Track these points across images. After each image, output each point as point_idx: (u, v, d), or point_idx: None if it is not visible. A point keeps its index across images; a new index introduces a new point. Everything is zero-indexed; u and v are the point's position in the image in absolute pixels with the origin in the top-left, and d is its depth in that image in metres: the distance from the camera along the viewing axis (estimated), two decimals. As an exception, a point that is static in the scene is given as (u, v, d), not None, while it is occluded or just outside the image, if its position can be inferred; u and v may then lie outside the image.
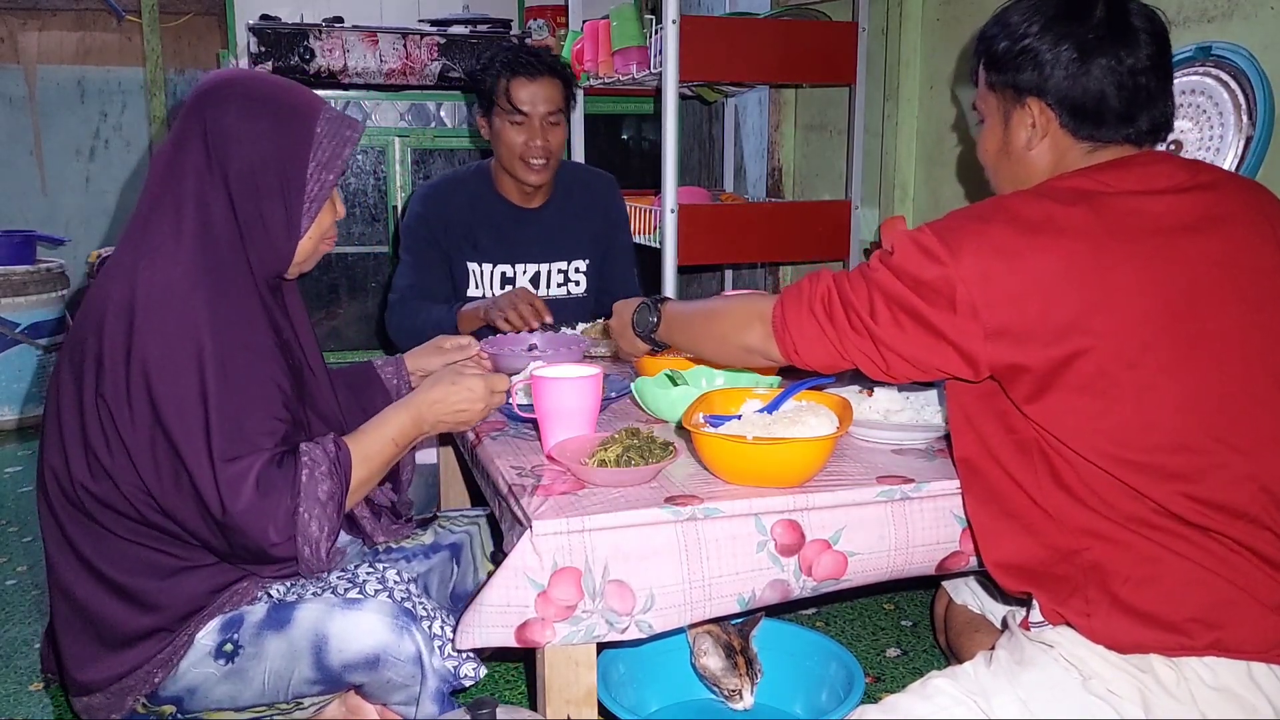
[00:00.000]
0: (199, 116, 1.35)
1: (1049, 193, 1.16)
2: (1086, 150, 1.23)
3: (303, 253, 1.43)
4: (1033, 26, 1.22)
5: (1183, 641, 1.10)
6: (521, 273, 2.44)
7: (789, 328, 1.26)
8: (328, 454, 1.34)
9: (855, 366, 1.24)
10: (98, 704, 1.38)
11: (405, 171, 3.87)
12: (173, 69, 5.23)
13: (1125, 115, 1.20)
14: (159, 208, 1.35)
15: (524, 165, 2.32)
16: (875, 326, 1.18)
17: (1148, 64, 1.19)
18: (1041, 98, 1.22)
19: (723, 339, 1.38)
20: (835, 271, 1.26)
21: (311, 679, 1.34)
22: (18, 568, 2.57)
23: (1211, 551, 1.11)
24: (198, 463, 1.26)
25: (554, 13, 4.35)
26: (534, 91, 2.27)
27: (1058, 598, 1.17)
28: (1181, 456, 1.10)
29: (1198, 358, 1.10)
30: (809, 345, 1.25)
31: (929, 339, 1.15)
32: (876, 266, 1.19)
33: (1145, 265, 1.10)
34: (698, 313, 1.46)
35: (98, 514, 1.33)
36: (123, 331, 1.27)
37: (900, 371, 1.20)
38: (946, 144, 2.80)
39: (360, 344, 3.97)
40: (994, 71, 1.27)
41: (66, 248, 4.45)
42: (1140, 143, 1.23)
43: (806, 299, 1.25)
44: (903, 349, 1.17)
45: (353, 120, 1.43)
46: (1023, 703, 1.16)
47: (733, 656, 1.59)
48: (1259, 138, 1.80)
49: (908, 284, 1.15)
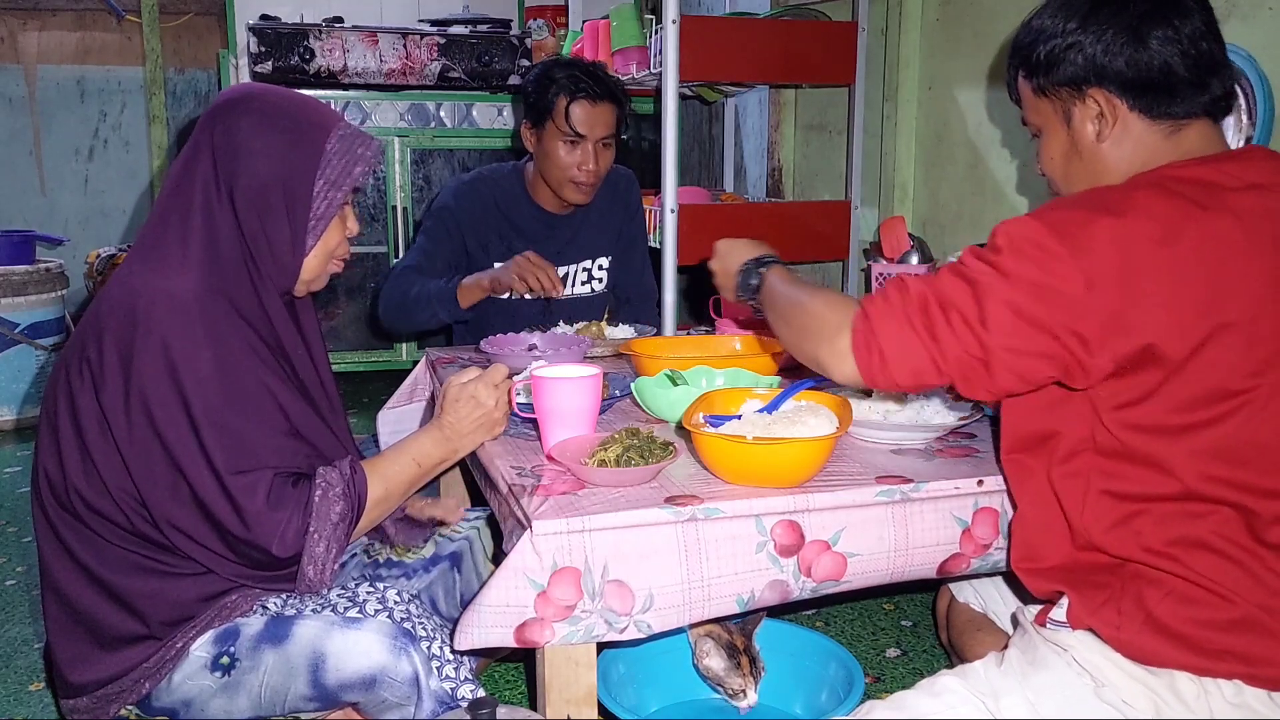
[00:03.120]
0: (211, 129, 1.35)
1: (1171, 182, 1.08)
2: (1168, 132, 1.16)
3: (309, 270, 1.41)
4: (1070, 23, 1.17)
5: (1211, 667, 1.08)
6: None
7: (879, 339, 1.13)
8: (343, 476, 1.34)
9: (949, 383, 1.14)
10: (84, 707, 1.38)
11: (405, 171, 3.87)
12: (172, 69, 5.23)
13: (1196, 82, 1.13)
14: (167, 219, 1.34)
15: (572, 186, 2.32)
16: (985, 334, 1.08)
17: (1204, 28, 1.14)
18: (1103, 84, 1.15)
19: (797, 336, 1.28)
20: (921, 276, 1.16)
21: (307, 695, 1.34)
22: (17, 568, 2.57)
23: (1265, 584, 1.07)
24: (199, 475, 1.25)
25: (554, 13, 4.35)
26: (593, 115, 2.26)
27: (1090, 605, 1.13)
28: (1274, 476, 1.07)
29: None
30: (902, 359, 1.12)
31: (1045, 344, 1.06)
32: (981, 268, 1.09)
33: (1275, 273, 1.05)
34: (789, 298, 1.32)
35: (87, 517, 1.33)
36: (123, 342, 1.26)
37: (1006, 384, 1.11)
38: (946, 144, 2.80)
39: (360, 344, 3.96)
40: (1040, 76, 1.20)
41: (66, 248, 4.45)
42: (1216, 114, 1.17)
43: (899, 309, 1.13)
44: (1014, 357, 1.08)
45: (368, 138, 1.40)
46: (1031, 704, 1.15)
47: (736, 656, 1.59)
48: (1259, 138, 1.80)
49: (1020, 285, 1.06)
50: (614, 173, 2.54)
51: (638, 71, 3.05)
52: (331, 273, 1.46)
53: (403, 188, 3.87)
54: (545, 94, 2.27)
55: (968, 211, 2.73)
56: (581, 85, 2.24)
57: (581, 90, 2.24)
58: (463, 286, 2.23)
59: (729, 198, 3.36)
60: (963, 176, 2.73)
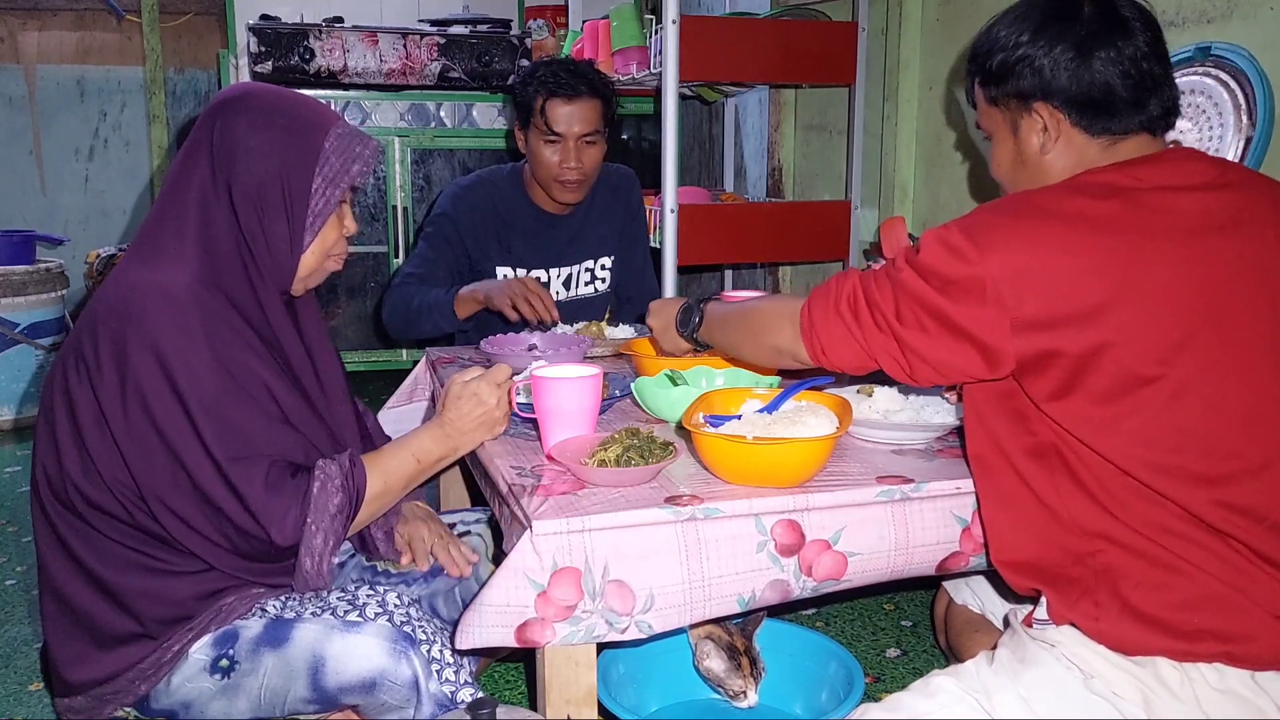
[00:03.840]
0: (210, 128, 1.35)
1: (1081, 187, 1.14)
2: (1105, 145, 1.21)
3: (306, 268, 1.41)
4: (1023, 35, 1.21)
5: (1190, 649, 1.10)
6: (556, 276, 2.45)
7: (816, 328, 1.25)
8: (342, 468, 1.34)
9: (881, 368, 1.22)
10: (79, 706, 1.38)
11: (405, 172, 3.87)
12: (172, 69, 5.23)
13: (1135, 102, 1.18)
14: (164, 217, 1.35)
15: (558, 185, 2.32)
16: (900, 329, 1.16)
17: (1146, 49, 1.18)
18: (1048, 100, 1.21)
19: (756, 339, 1.38)
20: (862, 271, 1.25)
21: (307, 698, 1.34)
22: (17, 568, 2.57)
23: (1229, 562, 1.10)
24: (197, 464, 1.26)
25: (554, 13, 4.35)
26: (570, 112, 2.24)
27: (1067, 599, 1.16)
28: (1209, 460, 1.09)
29: (1229, 361, 1.09)
30: (835, 346, 1.24)
31: (953, 341, 1.13)
32: (902, 267, 1.17)
33: (1179, 265, 1.09)
34: (735, 313, 1.45)
35: (85, 512, 1.33)
36: (118, 336, 1.27)
37: (923, 375, 1.19)
38: (946, 144, 2.80)
39: (360, 344, 3.97)
40: (992, 86, 1.26)
41: (65, 247, 4.45)
42: (1155, 130, 1.21)
43: (833, 299, 1.24)
44: (927, 352, 1.16)
45: (365, 137, 1.41)
46: (1024, 701, 1.15)
47: (736, 657, 1.59)
48: (1259, 138, 1.80)
49: (934, 285, 1.13)
50: (615, 172, 2.53)
51: (638, 71, 3.05)
52: (329, 270, 1.46)
53: (403, 188, 3.87)
54: (527, 93, 2.27)
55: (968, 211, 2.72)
56: (557, 83, 2.23)
57: (557, 88, 2.23)
58: (459, 298, 2.23)
59: (729, 198, 3.36)
60: (963, 177, 2.73)
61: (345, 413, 1.53)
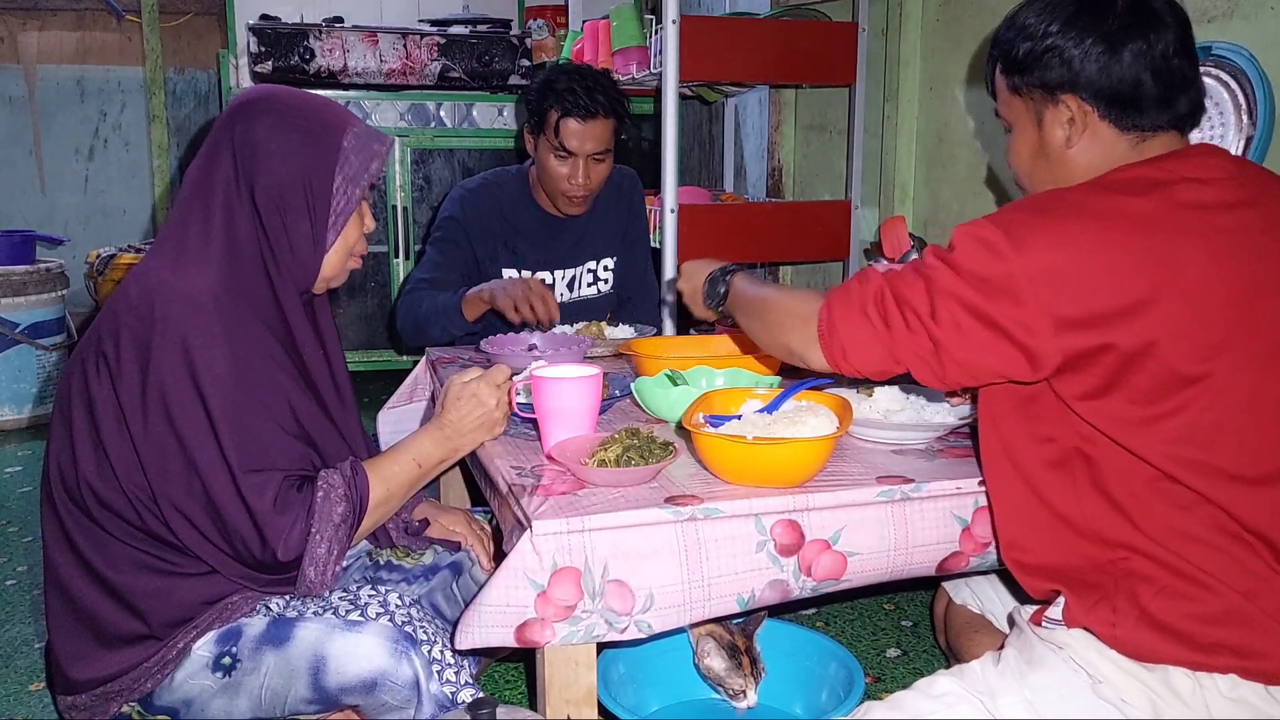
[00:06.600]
0: (230, 130, 1.36)
1: (1115, 185, 1.12)
2: (1134, 142, 1.19)
3: (329, 267, 1.42)
4: (1052, 25, 1.19)
5: (1206, 661, 1.09)
6: (560, 278, 2.45)
7: (838, 330, 1.20)
8: (344, 477, 1.34)
9: (907, 370, 1.18)
10: (82, 704, 1.38)
11: (405, 172, 3.87)
12: (172, 69, 5.24)
13: (1164, 99, 1.16)
14: (188, 219, 1.35)
15: (564, 199, 2.32)
16: (935, 328, 1.12)
17: (1177, 46, 1.16)
18: (1076, 92, 1.18)
19: (769, 332, 1.34)
20: (884, 270, 1.21)
21: (307, 698, 1.35)
22: (18, 568, 2.57)
23: (1250, 570, 1.09)
24: (213, 472, 1.26)
25: (554, 13, 4.35)
26: (583, 132, 2.24)
27: (1085, 604, 1.15)
28: (1247, 458, 1.08)
29: (1265, 357, 1.08)
30: (859, 349, 1.19)
31: (990, 340, 1.10)
32: (935, 264, 1.14)
33: (1215, 262, 1.07)
34: (754, 300, 1.40)
35: (96, 512, 1.34)
36: (141, 339, 1.27)
37: (955, 376, 1.15)
38: (946, 144, 2.80)
39: (360, 344, 3.97)
40: (1017, 75, 1.23)
41: (66, 247, 4.45)
42: (1183, 127, 1.20)
43: (858, 300, 1.19)
44: (962, 352, 1.12)
45: (381, 135, 1.43)
46: (1030, 703, 1.15)
47: (737, 656, 1.59)
48: (1259, 138, 1.80)
49: (970, 282, 1.10)
50: (617, 172, 2.53)
51: (638, 71, 3.05)
52: (351, 269, 1.47)
53: (403, 188, 3.87)
54: (542, 104, 2.26)
55: (968, 211, 2.72)
56: (574, 101, 2.22)
57: (574, 108, 2.22)
58: (466, 299, 2.22)
59: (729, 198, 3.36)
60: (963, 176, 2.73)
61: (356, 417, 1.55)
